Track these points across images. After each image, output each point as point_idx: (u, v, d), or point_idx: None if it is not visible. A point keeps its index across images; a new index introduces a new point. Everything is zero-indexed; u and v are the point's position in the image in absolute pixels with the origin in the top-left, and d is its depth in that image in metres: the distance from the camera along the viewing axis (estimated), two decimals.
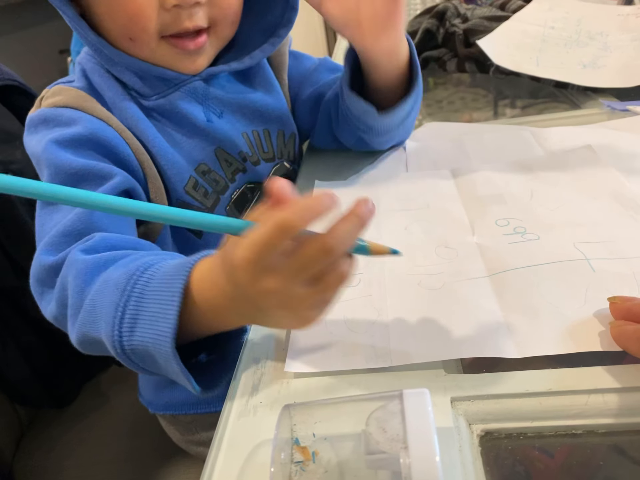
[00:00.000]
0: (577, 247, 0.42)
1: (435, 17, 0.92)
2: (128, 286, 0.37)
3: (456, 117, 0.76)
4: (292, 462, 0.28)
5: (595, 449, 0.30)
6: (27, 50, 2.14)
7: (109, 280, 0.39)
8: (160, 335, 0.34)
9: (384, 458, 0.26)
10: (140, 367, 0.38)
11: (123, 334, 0.36)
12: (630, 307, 0.34)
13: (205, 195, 0.58)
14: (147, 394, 0.67)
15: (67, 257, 0.43)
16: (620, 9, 0.84)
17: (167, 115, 0.56)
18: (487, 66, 0.84)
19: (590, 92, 0.72)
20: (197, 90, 0.57)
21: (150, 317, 0.35)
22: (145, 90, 0.55)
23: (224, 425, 0.34)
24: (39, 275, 0.46)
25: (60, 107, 0.52)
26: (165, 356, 0.35)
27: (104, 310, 0.38)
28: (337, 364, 0.36)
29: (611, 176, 0.51)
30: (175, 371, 0.36)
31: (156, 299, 0.36)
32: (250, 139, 0.62)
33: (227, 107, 0.60)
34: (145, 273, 0.37)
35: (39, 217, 0.49)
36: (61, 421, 0.80)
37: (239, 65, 0.59)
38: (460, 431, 0.31)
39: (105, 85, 0.54)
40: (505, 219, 0.48)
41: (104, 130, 0.51)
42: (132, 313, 0.36)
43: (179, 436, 0.68)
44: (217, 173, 0.59)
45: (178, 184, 0.56)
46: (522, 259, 0.42)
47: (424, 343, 0.36)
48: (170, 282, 0.36)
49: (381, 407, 0.28)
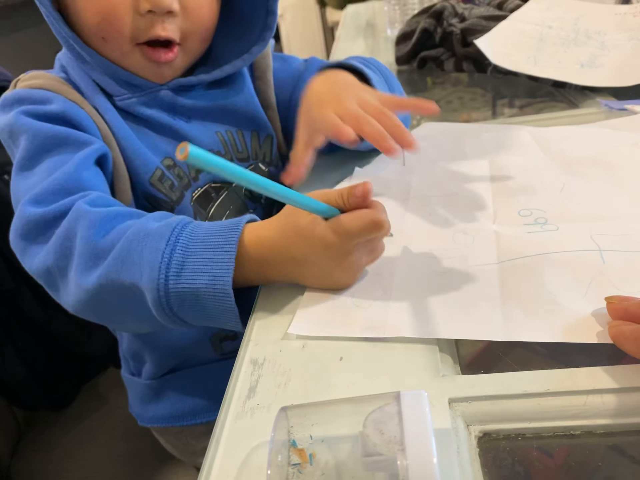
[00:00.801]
0: (593, 239, 0.42)
1: (433, 17, 0.92)
2: (172, 236, 0.40)
3: (454, 117, 0.76)
4: (289, 465, 0.28)
5: (593, 449, 0.30)
6: (22, 52, 2.14)
7: (148, 231, 0.41)
8: (217, 275, 0.39)
9: (381, 460, 0.26)
10: (173, 312, 0.40)
11: (169, 278, 0.39)
12: (628, 307, 0.34)
13: (171, 187, 0.58)
14: (135, 407, 0.67)
15: (73, 208, 0.44)
16: (617, 8, 0.84)
17: (134, 114, 0.57)
18: (484, 66, 0.84)
19: (588, 92, 0.72)
20: (163, 99, 0.57)
21: (202, 262, 0.39)
22: (113, 90, 0.55)
23: (220, 428, 0.34)
24: (24, 228, 0.45)
25: (36, 88, 0.53)
26: (219, 295, 0.39)
27: (144, 257, 0.40)
28: (335, 331, 0.39)
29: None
30: (225, 309, 0.39)
31: (207, 247, 0.40)
32: (224, 138, 0.62)
33: (194, 113, 0.60)
34: (187, 227, 0.41)
35: (14, 181, 0.49)
36: (59, 424, 0.79)
37: (207, 77, 0.59)
38: (458, 432, 0.31)
39: (80, 79, 0.55)
40: (529, 209, 0.48)
41: (77, 111, 0.52)
42: (179, 260, 0.39)
43: (171, 447, 0.68)
44: (181, 169, 0.59)
45: (143, 175, 0.56)
46: (534, 248, 0.43)
47: (418, 321, 0.38)
48: (224, 233, 0.40)
49: (378, 408, 0.28)
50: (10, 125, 0.50)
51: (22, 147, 0.49)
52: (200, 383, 0.63)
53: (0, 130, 0.52)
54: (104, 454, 0.74)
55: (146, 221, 0.43)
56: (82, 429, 0.78)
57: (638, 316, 0.33)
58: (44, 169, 0.48)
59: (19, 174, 0.49)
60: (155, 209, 0.57)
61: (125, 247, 0.41)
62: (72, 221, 0.43)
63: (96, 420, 0.79)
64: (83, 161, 0.49)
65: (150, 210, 0.56)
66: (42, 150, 0.49)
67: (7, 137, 0.52)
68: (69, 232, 0.43)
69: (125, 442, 0.74)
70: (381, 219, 0.39)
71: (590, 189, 0.50)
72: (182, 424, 0.63)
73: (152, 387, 0.64)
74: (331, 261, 0.40)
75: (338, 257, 0.40)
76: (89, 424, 0.78)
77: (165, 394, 0.64)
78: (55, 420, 0.80)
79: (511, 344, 0.35)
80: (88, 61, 0.54)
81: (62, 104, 0.51)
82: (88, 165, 0.49)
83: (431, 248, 0.46)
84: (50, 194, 0.46)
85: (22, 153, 0.49)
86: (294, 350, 0.38)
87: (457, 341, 0.38)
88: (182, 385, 0.64)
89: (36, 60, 2.15)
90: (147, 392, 0.65)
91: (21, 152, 0.49)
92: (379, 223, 0.39)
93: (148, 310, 0.41)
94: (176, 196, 0.58)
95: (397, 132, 0.47)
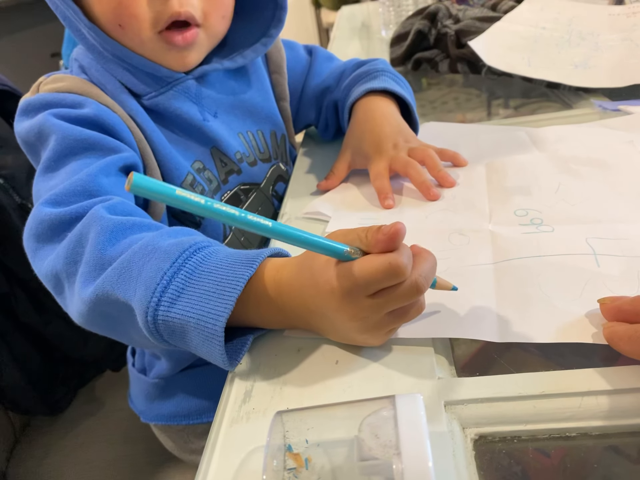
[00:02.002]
0: (588, 242, 0.42)
1: (427, 18, 0.92)
2: (180, 259, 0.36)
3: (450, 118, 0.76)
4: (284, 469, 0.28)
5: (589, 451, 0.30)
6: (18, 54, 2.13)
7: (156, 247, 0.37)
8: (210, 313, 0.34)
9: (376, 464, 0.26)
10: (163, 338, 0.37)
11: (162, 303, 0.35)
12: (620, 306, 0.34)
13: (201, 192, 0.57)
14: (139, 404, 0.67)
15: (90, 212, 0.41)
16: (611, 8, 0.84)
17: (162, 114, 0.56)
18: (479, 67, 0.84)
19: (582, 92, 0.72)
20: (190, 89, 0.57)
21: (201, 295, 0.35)
22: (138, 89, 0.54)
23: (216, 432, 0.34)
24: (38, 229, 0.43)
25: (63, 92, 0.51)
26: (208, 335, 0.34)
27: (143, 274, 0.36)
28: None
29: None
30: (211, 350, 0.35)
31: (213, 279, 0.35)
32: (246, 139, 0.63)
33: (220, 107, 0.60)
34: (199, 252, 0.37)
35: (37, 182, 0.48)
36: (55, 427, 0.79)
37: (231, 64, 0.59)
38: (454, 435, 0.31)
39: (104, 79, 0.53)
40: (524, 209, 0.48)
41: (110, 115, 0.51)
42: (179, 286, 0.35)
43: (171, 444, 0.68)
44: (210, 172, 0.59)
45: (176, 180, 0.55)
46: (530, 249, 0.43)
47: (413, 321, 0.38)
48: (236, 268, 0.36)
49: (374, 412, 0.28)
50: (39, 126, 0.48)
51: (50, 148, 0.47)
52: (207, 382, 0.63)
53: (27, 133, 0.50)
54: (101, 457, 0.73)
55: (159, 235, 0.39)
56: (78, 433, 0.77)
57: (631, 314, 0.33)
58: (68, 171, 0.46)
59: (42, 174, 0.48)
60: (185, 213, 0.57)
61: (128, 259, 0.38)
62: (86, 226, 0.41)
63: (93, 424, 0.78)
64: (107, 166, 0.47)
65: (179, 215, 0.57)
66: (70, 152, 0.48)
67: (34, 139, 0.50)
68: (82, 237, 0.40)
69: (122, 445, 0.74)
70: (400, 264, 0.32)
71: (586, 188, 0.50)
72: (188, 423, 0.63)
73: (160, 385, 0.64)
74: (340, 314, 0.34)
75: (348, 309, 0.33)
76: (85, 428, 0.78)
77: (172, 392, 0.63)
78: (52, 424, 0.79)
79: (506, 345, 0.36)
80: (110, 58, 0.52)
81: (95, 107, 0.50)
82: (110, 172, 0.47)
83: (428, 249, 0.45)
84: (70, 195, 0.44)
85: (49, 154, 0.47)
86: (290, 353, 0.38)
87: (452, 343, 0.38)
88: (189, 384, 0.63)
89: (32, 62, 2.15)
90: (154, 390, 0.64)
91: (48, 152, 0.48)
92: (397, 268, 0.32)
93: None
94: None
95: (440, 175, 0.54)
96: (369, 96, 0.62)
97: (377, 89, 0.61)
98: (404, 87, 0.64)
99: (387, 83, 0.62)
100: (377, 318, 0.34)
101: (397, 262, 0.32)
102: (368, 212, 0.54)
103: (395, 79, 0.65)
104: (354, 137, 0.61)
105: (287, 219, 0.56)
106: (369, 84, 0.62)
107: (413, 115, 0.62)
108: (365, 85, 0.62)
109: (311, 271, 0.35)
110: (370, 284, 0.32)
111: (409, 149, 0.56)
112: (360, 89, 0.62)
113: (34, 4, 2.03)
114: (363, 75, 0.65)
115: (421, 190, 0.53)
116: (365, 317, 0.34)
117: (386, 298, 0.33)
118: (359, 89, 0.62)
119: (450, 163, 0.58)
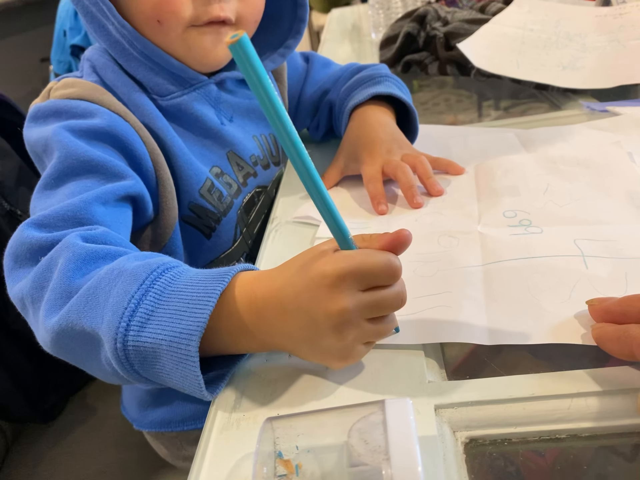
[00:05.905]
0: (576, 244, 0.43)
1: (416, 21, 0.92)
2: (148, 280, 0.34)
3: (441, 119, 0.76)
4: (275, 476, 0.28)
5: (579, 452, 0.30)
6: (7, 59, 2.12)
7: (122, 270, 0.36)
8: (183, 332, 0.32)
9: (366, 470, 0.26)
10: (134, 369, 0.35)
11: (131, 328, 0.33)
12: (609, 307, 0.34)
13: (219, 198, 0.58)
14: (132, 411, 0.66)
15: (64, 239, 0.39)
16: (598, 10, 0.85)
17: (181, 116, 0.55)
18: (468, 69, 0.84)
19: (570, 93, 0.73)
20: (211, 93, 0.57)
21: (171, 315, 0.33)
22: (160, 89, 0.54)
23: (206, 439, 0.34)
24: (17, 249, 0.41)
25: (74, 99, 0.50)
26: (182, 357, 0.32)
27: (110, 299, 0.34)
28: None
29: (631, 175, 0.50)
30: (185, 374, 0.33)
31: (183, 298, 0.34)
32: (260, 142, 0.64)
33: (236, 112, 0.61)
34: (168, 272, 0.36)
35: (35, 198, 0.46)
36: (47, 436, 0.78)
37: None
38: (445, 439, 0.31)
39: (119, 81, 0.52)
40: (513, 210, 0.49)
41: (121, 125, 0.49)
42: (148, 309, 0.34)
43: (164, 451, 0.67)
44: (229, 177, 0.60)
45: (194, 185, 0.55)
46: (519, 251, 0.43)
47: (404, 326, 0.38)
48: (207, 283, 0.34)
49: (363, 418, 0.28)
50: (47, 138, 0.47)
51: (52, 165, 0.46)
52: None
53: (35, 142, 0.49)
54: (93, 465, 0.73)
55: (126, 259, 0.37)
56: (70, 440, 0.77)
57: (619, 314, 0.33)
58: (65, 192, 0.44)
59: (41, 191, 0.46)
60: (201, 218, 0.57)
61: (94, 285, 0.36)
62: (57, 251, 0.39)
63: (85, 431, 0.78)
64: (105, 194, 0.45)
65: (193, 220, 0.57)
66: (71, 172, 0.46)
67: (41, 150, 0.48)
68: (51, 263, 0.39)
69: (115, 453, 0.74)
70: (399, 265, 0.33)
71: (574, 190, 0.50)
72: (182, 429, 0.62)
73: (152, 392, 0.63)
74: (324, 305, 0.32)
75: (337, 298, 0.32)
76: (77, 435, 0.77)
77: (165, 399, 0.63)
78: (44, 432, 0.79)
79: (496, 348, 0.36)
80: (136, 56, 0.52)
81: (106, 117, 0.48)
82: (108, 200, 0.45)
83: (417, 252, 0.46)
84: (59, 219, 0.42)
85: (50, 171, 0.46)
86: (280, 359, 0.38)
87: (442, 347, 0.38)
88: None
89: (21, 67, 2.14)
90: (146, 397, 0.63)
91: (49, 169, 0.46)
92: (395, 267, 0.33)
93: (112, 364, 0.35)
94: (224, 207, 0.58)
95: (429, 182, 0.55)
96: (367, 104, 0.62)
97: (382, 93, 0.61)
98: (407, 94, 0.65)
99: (392, 89, 0.62)
100: (359, 323, 0.33)
101: (396, 262, 0.33)
102: (358, 217, 0.54)
103: (399, 86, 0.65)
104: (349, 142, 0.61)
105: (277, 223, 0.56)
106: (373, 88, 0.62)
107: (414, 123, 0.62)
108: (370, 90, 0.62)
109: (301, 262, 0.34)
110: (368, 274, 0.32)
111: (403, 155, 0.57)
112: (364, 92, 0.62)
113: (22, 10, 2.02)
114: (366, 79, 0.65)
115: (406, 195, 0.54)
116: (349, 319, 0.32)
117: (375, 297, 0.33)
118: (362, 93, 0.62)
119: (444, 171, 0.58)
